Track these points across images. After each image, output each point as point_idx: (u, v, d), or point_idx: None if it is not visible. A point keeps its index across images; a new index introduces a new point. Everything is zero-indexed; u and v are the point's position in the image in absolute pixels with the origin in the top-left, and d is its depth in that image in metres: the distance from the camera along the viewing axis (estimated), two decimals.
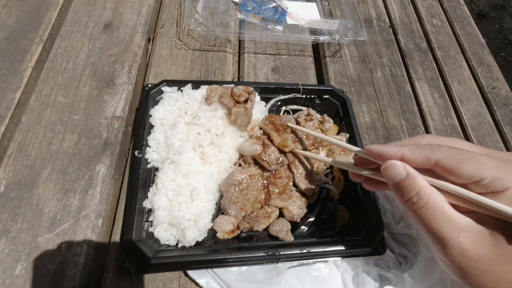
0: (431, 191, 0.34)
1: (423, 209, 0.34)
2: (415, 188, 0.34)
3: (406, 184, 0.35)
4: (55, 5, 0.77)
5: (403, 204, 0.36)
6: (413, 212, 0.35)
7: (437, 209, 0.33)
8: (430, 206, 0.33)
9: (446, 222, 0.32)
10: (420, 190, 0.34)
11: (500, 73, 0.96)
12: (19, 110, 0.63)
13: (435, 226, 0.33)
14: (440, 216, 0.33)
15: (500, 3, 2.99)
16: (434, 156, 0.35)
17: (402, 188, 0.35)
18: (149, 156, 0.57)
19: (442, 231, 0.32)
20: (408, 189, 0.35)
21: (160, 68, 0.75)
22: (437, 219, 0.33)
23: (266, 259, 0.51)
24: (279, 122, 0.63)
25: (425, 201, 0.33)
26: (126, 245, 0.49)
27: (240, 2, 0.89)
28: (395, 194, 0.37)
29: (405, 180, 0.35)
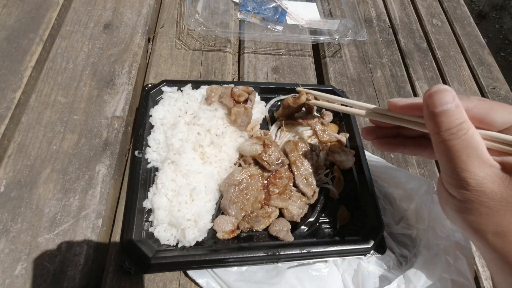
0: (470, 126, 0.32)
1: (459, 140, 0.32)
2: (459, 118, 0.32)
3: (451, 114, 0.32)
4: (55, 5, 0.78)
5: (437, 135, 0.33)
6: (445, 143, 0.32)
7: (472, 143, 0.32)
8: (467, 138, 0.32)
9: (475, 157, 0.31)
10: (463, 121, 0.32)
11: (500, 73, 0.96)
12: (19, 110, 0.63)
13: (463, 159, 0.31)
14: (473, 151, 0.31)
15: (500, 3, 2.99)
16: (464, 104, 0.33)
17: (445, 118, 0.32)
18: (149, 156, 0.57)
19: (469, 165, 0.31)
20: (453, 118, 0.32)
21: (160, 68, 0.75)
22: (469, 153, 0.31)
23: (266, 259, 0.51)
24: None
25: (464, 132, 0.32)
26: (126, 245, 0.49)
27: (240, 2, 0.89)
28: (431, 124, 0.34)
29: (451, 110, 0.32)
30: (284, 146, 0.62)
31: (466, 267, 0.52)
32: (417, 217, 0.58)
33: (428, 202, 0.58)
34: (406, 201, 0.60)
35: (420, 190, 0.59)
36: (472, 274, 0.53)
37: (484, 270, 0.62)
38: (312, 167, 0.61)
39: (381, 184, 0.64)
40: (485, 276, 0.62)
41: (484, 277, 0.61)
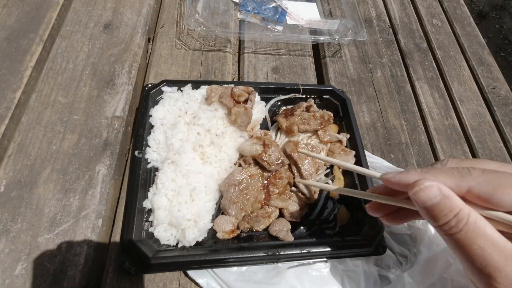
0: (470, 212, 0.29)
1: (462, 233, 0.29)
2: (452, 209, 0.29)
3: (442, 207, 0.30)
4: (55, 5, 0.78)
5: (438, 229, 0.31)
6: (450, 237, 0.30)
7: (479, 232, 0.28)
8: (470, 228, 0.28)
9: (491, 248, 0.28)
10: (458, 211, 0.29)
11: (500, 73, 0.96)
12: (19, 110, 0.63)
13: (478, 252, 0.28)
14: (484, 240, 0.28)
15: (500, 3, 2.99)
16: (465, 183, 0.30)
17: (438, 212, 0.30)
18: (149, 156, 0.57)
19: (487, 258, 0.28)
20: (445, 212, 0.30)
21: (160, 68, 0.75)
22: (480, 243, 0.28)
23: (266, 259, 0.51)
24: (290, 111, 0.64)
25: (464, 223, 0.29)
26: (126, 245, 0.49)
27: (240, 2, 0.89)
28: (427, 219, 0.32)
29: (440, 203, 0.30)
30: (284, 146, 0.62)
31: None
32: None
33: None
34: None
35: None
36: None
37: None
38: (312, 167, 0.61)
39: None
40: None
41: None
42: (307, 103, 0.67)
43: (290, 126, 0.62)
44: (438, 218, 0.30)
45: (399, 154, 0.73)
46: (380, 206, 0.41)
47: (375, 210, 0.41)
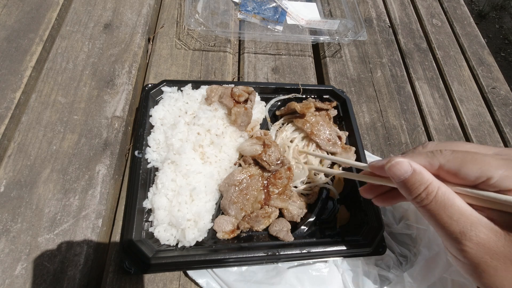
0: (439, 185, 0.33)
1: (432, 204, 0.33)
2: (423, 183, 0.33)
3: (413, 180, 0.34)
4: (55, 5, 0.78)
5: (412, 201, 0.35)
6: (423, 208, 0.34)
7: (447, 202, 0.32)
8: (439, 199, 0.32)
9: (458, 216, 0.31)
10: (428, 184, 0.33)
11: (500, 73, 0.96)
12: (19, 110, 0.63)
13: (447, 220, 0.32)
14: (451, 210, 0.32)
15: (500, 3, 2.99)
16: (437, 161, 0.34)
17: (410, 185, 0.34)
18: (149, 156, 0.57)
19: (454, 225, 0.31)
20: (416, 185, 0.34)
21: (160, 68, 0.75)
22: (449, 212, 0.32)
23: (266, 259, 0.51)
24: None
25: (433, 195, 0.33)
26: (126, 245, 0.49)
27: (240, 2, 0.89)
28: (403, 193, 0.36)
29: (411, 177, 0.34)
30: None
31: None
32: (417, 217, 0.58)
33: None
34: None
35: None
36: None
37: None
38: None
39: None
40: None
41: None
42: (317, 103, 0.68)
43: (302, 110, 0.64)
44: (411, 191, 0.35)
45: (398, 153, 0.73)
46: (371, 188, 0.46)
47: (367, 192, 0.46)
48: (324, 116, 0.67)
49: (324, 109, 0.68)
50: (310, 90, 0.71)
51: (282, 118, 0.69)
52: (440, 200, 0.32)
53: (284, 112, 0.69)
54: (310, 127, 0.63)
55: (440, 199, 0.32)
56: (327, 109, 0.68)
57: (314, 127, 0.63)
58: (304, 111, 0.64)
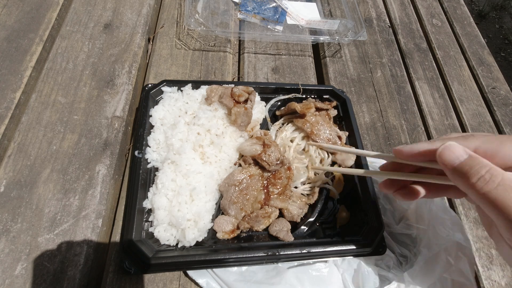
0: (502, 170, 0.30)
1: (499, 188, 0.29)
2: (484, 166, 0.30)
3: (470, 165, 0.31)
4: (55, 5, 0.78)
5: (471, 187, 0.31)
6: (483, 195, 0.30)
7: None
8: (506, 183, 0.29)
9: None
10: (490, 168, 0.30)
11: (500, 73, 0.96)
12: (19, 110, 0.63)
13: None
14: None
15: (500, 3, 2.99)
16: (472, 144, 0.33)
17: (467, 170, 0.31)
18: (149, 156, 0.57)
19: None
20: (475, 168, 0.30)
21: (160, 68, 0.75)
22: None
23: (266, 259, 0.51)
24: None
25: (500, 178, 0.29)
26: (126, 245, 0.49)
27: (240, 2, 0.89)
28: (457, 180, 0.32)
29: (468, 161, 0.31)
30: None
31: (467, 267, 0.52)
32: (417, 217, 0.58)
33: (428, 202, 0.58)
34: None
35: None
36: (473, 274, 0.53)
37: (484, 270, 0.62)
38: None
39: None
40: (485, 276, 0.62)
41: (484, 277, 0.61)
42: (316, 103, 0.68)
43: (302, 110, 0.64)
44: (469, 174, 0.31)
45: None
46: (392, 182, 0.42)
47: (388, 186, 0.42)
48: (324, 116, 0.67)
49: (324, 109, 0.68)
50: (310, 90, 0.71)
51: (282, 118, 0.69)
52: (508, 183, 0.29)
53: (284, 112, 0.69)
54: (310, 127, 0.63)
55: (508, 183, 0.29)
56: (327, 109, 0.68)
57: (314, 127, 0.64)
58: (304, 111, 0.64)
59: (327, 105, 0.68)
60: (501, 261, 0.64)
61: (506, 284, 0.61)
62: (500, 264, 0.63)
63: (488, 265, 0.63)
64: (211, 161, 0.58)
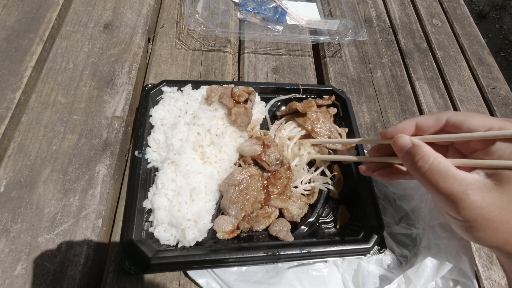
0: (435, 155, 0.38)
1: (429, 171, 0.37)
2: (419, 153, 0.39)
3: (411, 152, 0.40)
4: (55, 5, 0.78)
5: (412, 171, 0.40)
6: (421, 177, 0.38)
7: (442, 169, 0.36)
8: (435, 167, 0.37)
9: (452, 180, 0.35)
10: (424, 154, 0.38)
11: (500, 73, 0.96)
12: (19, 110, 0.63)
13: (443, 185, 0.35)
14: (446, 175, 0.36)
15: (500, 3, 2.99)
16: (444, 116, 0.41)
17: (409, 156, 0.40)
18: (149, 156, 0.57)
19: (450, 188, 0.35)
20: (413, 154, 0.39)
21: (160, 68, 0.75)
22: (444, 178, 0.36)
23: (266, 259, 0.51)
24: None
25: (429, 163, 0.37)
26: (126, 245, 0.49)
27: (240, 2, 0.89)
28: (405, 164, 0.42)
29: (411, 148, 0.40)
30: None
31: (467, 267, 0.52)
32: (417, 217, 0.58)
33: (428, 201, 0.58)
34: (406, 201, 0.60)
35: (420, 189, 0.59)
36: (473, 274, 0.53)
37: (484, 270, 0.62)
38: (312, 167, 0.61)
39: (381, 184, 0.64)
40: (485, 276, 0.62)
41: (484, 277, 0.61)
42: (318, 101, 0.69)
43: (304, 109, 0.64)
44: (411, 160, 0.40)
45: None
46: (371, 166, 0.51)
47: (367, 169, 0.51)
48: (325, 113, 0.67)
49: (324, 105, 0.68)
50: (310, 90, 0.71)
51: (282, 118, 0.69)
52: (436, 167, 0.37)
53: (286, 113, 0.69)
54: (311, 124, 0.63)
55: (436, 166, 0.37)
56: (327, 105, 0.68)
57: (314, 124, 0.63)
58: (306, 110, 0.64)
59: (327, 100, 0.68)
60: None
61: (506, 284, 0.61)
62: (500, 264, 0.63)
63: (488, 265, 0.63)
64: (211, 161, 0.58)
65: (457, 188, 0.34)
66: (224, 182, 0.57)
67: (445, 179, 0.36)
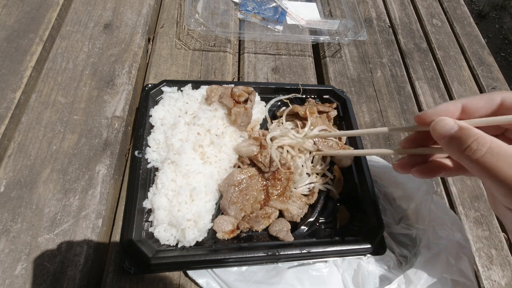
0: (491, 138, 0.31)
1: (487, 155, 0.30)
2: (471, 135, 0.31)
3: (460, 135, 0.32)
4: (55, 5, 0.78)
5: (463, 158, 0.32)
6: (476, 163, 0.31)
7: (504, 152, 0.29)
8: (495, 150, 0.30)
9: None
10: (478, 136, 0.31)
11: (500, 73, 0.96)
12: (19, 110, 0.63)
13: (506, 172, 0.29)
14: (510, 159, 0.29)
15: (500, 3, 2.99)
16: (498, 96, 0.33)
17: (457, 140, 0.32)
18: (149, 156, 0.57)
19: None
20: (464, 137, 0.32)
21: (160, 68, 0.75)
22: (508, 163, 0.29)
23: (266, 259, 0.51)
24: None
25: (487, 146, 0.30)
26: (126, 245, 0.49)
27: (240, 2, 0.89)
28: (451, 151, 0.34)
29: (458, 132, 0.32)
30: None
31: (468, 267, 0.52)
32: (417, 217, 0.58)
33: (428, 202, 0.58)
34: (406, 201, 0.60)
35: (420, 190, 0.59)
36: (473, 274, 0.53)
37: (484, 270, 0.62)
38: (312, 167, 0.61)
39: (381, 184, 0.64)
40: (485, 276, 0.62)
41: (484, 277, 0.61)
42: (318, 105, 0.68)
43: (305, 114, 0.64)
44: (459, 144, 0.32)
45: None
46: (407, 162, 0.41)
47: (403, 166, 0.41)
48: (324, 118, 0.66)
49: (325, 111, 0.67)
50: (310, 90, 0.71)
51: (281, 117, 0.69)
52: (496, 150, 0.30)
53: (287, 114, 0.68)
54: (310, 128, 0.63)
55: (496, 150, 0.30)
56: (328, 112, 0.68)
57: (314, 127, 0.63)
58: (307, 115, 0.64)
59: (328, 107, 0.68)
60: (501, 261, 0.64)
61: (506, 284, 0.61)
62: (500, 264, 0.63)
63: (488, 265, 0.63)
64: (211, 161, 0.58)
65: None
66: (224, 182, 0.57)
67: (510, 165, 0.29)
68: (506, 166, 0.29)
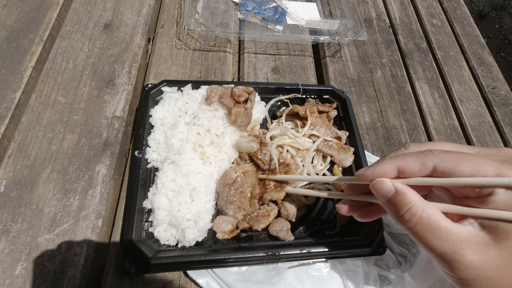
0: (423, 206, 0.32)
1: (417, 226, 0.32)
2: (405, 204, 0.33)
3: (395, 201, 0.34)
4: (55, 5, 0.78)
5: (399, 222, 0.34)
6: (409, 230, 0.33)
7: (432, 224, 0.31)
8: (424, 222, 0.31)
9: (445, 237, 0.31)
10: (410, 206, 0.32)
11: (500, 73, 0.96)
12: (19, 110, 0.63)
13: (435, 243, 0.31)
14: (437, 231, 0.31)
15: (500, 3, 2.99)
16: (430, 162, 0.33)
17: (393, 206, 0.34)
18: (149, 156, 0.57)
19: (443, 247, 0.31)
20: (398, 205, 0.33)
21: (160, 68, 0.75)
22: (435, 234, 0.31)
23: (266, 259, 0.51)
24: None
25: (418, 217, 0.32)
26: (126, 245, 0.49)
27: (240, 2, 0.89)
28: (390, 213, 0.35)
29: (394, 197, 0.34)
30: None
31: None
32: None
33: None
34: None
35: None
36: None
37: None
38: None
39: None
40: None
41: None
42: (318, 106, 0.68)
43: (305, 114, 0.64)
44: (395, 211, 0.34)
45: None
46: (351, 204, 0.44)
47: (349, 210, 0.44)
48: (324, 119, 0.67)
49: (325, 111, 0.67)
50: (310, 90, 0.71)
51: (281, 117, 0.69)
52: (426, 222, 0.31)
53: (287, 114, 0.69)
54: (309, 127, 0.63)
55: (425, 221, 0.31)
56: (328, 112, 0.68)
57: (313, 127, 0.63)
58: (307, 115, 0.64)
59: (328, 107, 0.68)
60: None
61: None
62: None
63: None
64: (211, 161, 0.58)
65: (451, 247, 0.30)
66: (219, 183, 0.57)
67: (436, 236, 0.31)
68: (434, 238, 0.31)
